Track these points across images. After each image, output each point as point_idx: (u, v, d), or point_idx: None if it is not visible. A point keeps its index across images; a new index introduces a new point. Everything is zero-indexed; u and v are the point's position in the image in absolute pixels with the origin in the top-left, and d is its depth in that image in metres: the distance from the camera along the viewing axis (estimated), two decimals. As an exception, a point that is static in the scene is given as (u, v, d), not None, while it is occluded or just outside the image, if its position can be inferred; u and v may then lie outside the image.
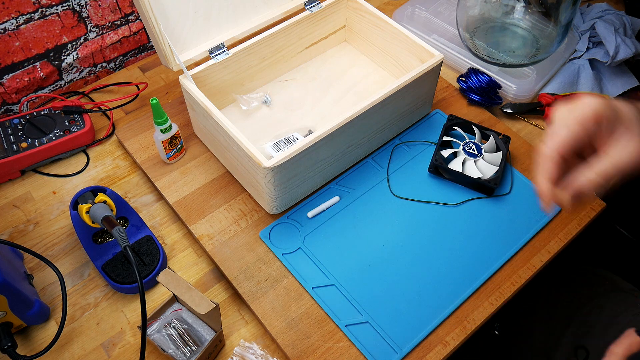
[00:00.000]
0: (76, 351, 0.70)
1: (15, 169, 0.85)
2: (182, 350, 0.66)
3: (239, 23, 0.84)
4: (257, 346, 0.69)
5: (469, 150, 0.82)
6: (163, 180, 0.83)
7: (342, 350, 0.68)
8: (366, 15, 0.92)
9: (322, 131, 0.72)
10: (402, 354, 0.67)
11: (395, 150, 0.87)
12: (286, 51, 0.92)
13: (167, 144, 0.82)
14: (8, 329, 0.66)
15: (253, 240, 0.77)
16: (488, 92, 0.92)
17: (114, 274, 0.73)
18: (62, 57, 0.95)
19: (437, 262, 0.74)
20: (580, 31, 1.01)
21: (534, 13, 0.97)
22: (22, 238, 0.80)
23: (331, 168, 0.81)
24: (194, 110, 0.81)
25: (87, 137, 0.88)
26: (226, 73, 0.85)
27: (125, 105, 0.96)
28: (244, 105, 0.89)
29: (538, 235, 0.78)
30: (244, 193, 0.82)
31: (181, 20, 0.77)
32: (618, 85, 0.96)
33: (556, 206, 0.80)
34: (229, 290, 0.75)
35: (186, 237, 0.80)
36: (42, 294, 0.74)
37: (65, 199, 0.84)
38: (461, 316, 0.70)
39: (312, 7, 0.90)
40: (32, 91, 0.95)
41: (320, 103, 0.91)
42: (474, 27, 0.99)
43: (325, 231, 0.78)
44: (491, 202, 0.81)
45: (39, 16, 0.88)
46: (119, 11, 0.97)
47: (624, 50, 0.94)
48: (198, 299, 0.62)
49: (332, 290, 0.72)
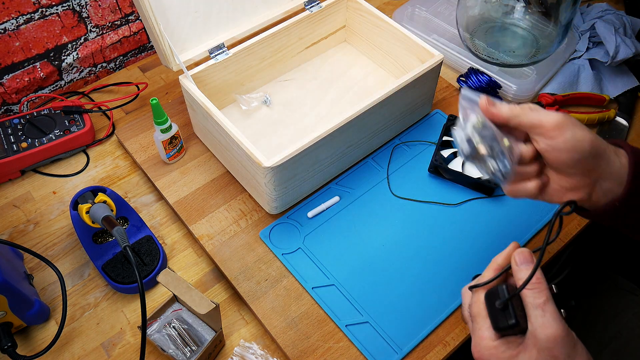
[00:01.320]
0: (76, 351, 0.70)
1: (15, 169, 0.85)
2: (182, 350, 0.66)
3: (239, 23, 0.84)
4: (257, 346, 0.69)
5: (469, 150, 0.82)
6: (163, 180, 0.83)
7: (342, 350, 0.68)
8: (366, 15, 0.92)
9: (322, 131, 0.72)
10: (402, 354, 0.67)
11: (395, 150, 0.87)
12: (286, 51, 0.92)
13: (167, 144, 0.82)
14: (8, 329, 0.66)
15: (253, 240, 0.77)
16: (488, 92, 0.92)
17: (114, 274, 0.73)
18: (62, 57, 0.95)
19: (437, 262, 0.74)
20: (580, 31, 1.01)
21: (534, 13, 0.97)
22: (22, 238, 0.80)
23: (331, 168, 0.81)
24: (194, 110, 0.81)
25: (87, 137, 0.88)
26: (226, 73, 0.85)
27: (125, 105, 0.96)
28: (244, 105, 0.89)
29: (538, 235, 0.78)
30: (244, 193, 0.82)
31: (181, 20, 0.77)
32: (618, 85, 0.96)
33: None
34: (229, 290, 0.75)
35: (186, 237, 0.80)
36: (42, 294, 0.74)
37: (65, 199, 0.84)
38: (461, 316, 0.70)
39: (312, 7, 0.90)
40: (32, 91, 0.95)
41: (320, 103, 0.91)
42: (474, 27, 0.98)
43: (325, 231, 0.78)
44: (491, 202, 0.81)
45: (39, 16, 0.88)
46: (119, 11, 0.97)
47: (624, 50, 0.94)
48: (198, 299, 0.62)
49: (332, 290, 0.72)
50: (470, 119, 0.55)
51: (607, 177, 0.52)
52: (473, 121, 0.54)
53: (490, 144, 0.54)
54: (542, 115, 0.51)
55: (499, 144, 0.53)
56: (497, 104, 0.53)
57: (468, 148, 0.55)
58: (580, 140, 0.50)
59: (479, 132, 0.54)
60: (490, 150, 0.54)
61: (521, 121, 0.52)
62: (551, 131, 0.50)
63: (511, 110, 0.52)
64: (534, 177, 0.54)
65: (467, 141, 0.55)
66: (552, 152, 0.51)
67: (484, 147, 0.54)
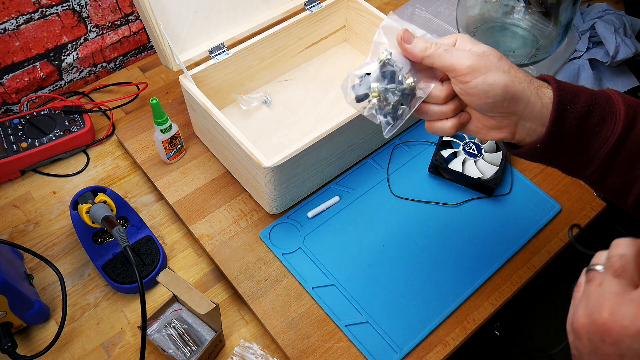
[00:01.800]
0: (76, 351, 0.70)
1: (15, 169, 0.85)
2: (182, 350, 0.66)
3: (239, 23, 0.84)
4: (257, 346, 0.69)
5: (469, 150, 0.82)
6: (163, 180, 0.83)
7: (342, 350, 0.68)
8: (366, 15, 0.92)
9: (322, 131, 0.72)
10: (402, 354, 0.67)
11: (395, 150, 0.87)
12: (286, 51, 0.92)
13: (167, 144, 0.82)
14: (8, 329, 0.66)
15: (253, 240, 0.77)
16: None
17: (114, 274, 0.73)
18: (62, 57, 0.95)
19: (437, 262, 0.74)
20: (580, 31, 1.01)
21: (534, 13, 0.97)
22: (22, 238, 0.79)
23: (331, 168, 0.81)
24: (194, 110, 0.81)
25: (87, 137, 0.88)
26: (226, 73, 0.85)
27: (125, 105, 0.96)
28: (244, 105, 0.89)
29: (538, 235, 0.78)
30: (244, 193, 0.82)
31: (181, 20, 0.77)
32: (618, 85, 0.96)
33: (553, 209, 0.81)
34: (229, 290, 0.75)
35: (186, 237, 0.80)
36: (42, 294, 0.74)
37: (65, 199, 0.84)
38: (461, 316, 0.70)
39: (312, 7, 0.90)
40: (32, 91, 0.95)
41: (320, 103, 0.91)
42: (474, 27, 0.98)
43: (325, 231, 0.78)
44: (491, 202, 0.81)
45: (39, 16, 0.88)
46: (119, 11, 0.97)
47: (624, 50, 0.94)
48: (198, 299, 0.62)
49: (332, 290, 0.72)
50: (379, 55, 0.53)
51: (528, 118, 0.51)
52: (381, 56, 0.53)
53: (387, 85, 0.52)
54: (455, 58, 0.50)
55: (400, 84, 0.52)
56: (414, 40, 0.52)
57: (362, 89, 0.53)
58: (492, 85, 0.49)
59: (380, 70, 0.53)
60: (385, 93, 0.53)
61: (434, 62, 0.51)
62: (463, 76, 0.50)
63: (425, 49, 0.51)
64: (450, 116, 0.54)
65: (362, 78, 0.53)
66: (465, 96, 0.51)
67: (377, 88, 0.53)
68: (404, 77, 0.53)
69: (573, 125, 0.50)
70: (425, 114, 0.54)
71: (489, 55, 0.51)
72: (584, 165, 0.53)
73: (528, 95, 0.51)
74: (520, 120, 0.52)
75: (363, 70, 0.54)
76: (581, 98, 0.51)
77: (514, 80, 0.50)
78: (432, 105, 0.54)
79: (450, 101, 0.53)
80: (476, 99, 0.50)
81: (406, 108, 0.53)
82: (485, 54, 0.50)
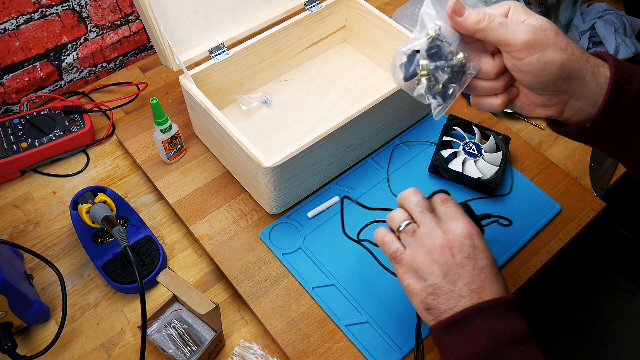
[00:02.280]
0: (76, 351, 0.70)
1: (15, 169, 0.85)
2: (182, 350, 0.66)
3: (239, 23, 0.84)
4: (257, 346, 0.69)
5: (469, 150, 0.82)
6: (163, 180, 0.83)
7: (342, 350, 0.68)
8: (366, 15, 0.92)
9: (322, 131, 0.72)
10: (402, 354, 0.67)
11: (395, 150, 0.87)
12: (286, 51, 0.92)
13: (167, 144, 0.82)
14: (8, 329, 0.66)
15: (253, 240, 0.77)
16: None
17: (114, 274, 0.73)
18: (62, 57, 0.95)
19: (437, 262, 0.74)
20: (580, 31, 1.01)
21: (534, 13, 0.97)
22: (22, 238, 0.80)
23: (331, 168, 0.81)
24: (194, 110, 0.81)
25: (87, 137, 0.88)
26: (226, 73, 0.85)
27: (125, 105, 0.96)
28: (244, 105, 0.89)
29: (538, 235, 0.78)
30: (244, 193, 0.82)
31: (181, 20, 0.77)
32: (618, 85, 0.96)
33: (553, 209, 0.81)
34: (229, 290, 0.75)
35: (186, 237, 0.80)
36: (42, 294, 0.74)
37: (65, 199, 0.84)
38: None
39: (312, 7, 0.90)
40: (32, 91, 0.95)
41: (320, 103, 0.91)
42: (474, 27, 0.98)
43: (325, 231, 0.78)
44: (491, 202, 0.81)
45: (39, 16, 0.88)
46: (119, 11, 0.97)
47: (624, 50, 0.94)
48: (198, 299, 0.62)
49: (332, 290, 0.72)
50: (428, 29, 0.50)
51: (580, 97, 0.49)
52: (430, 31, 0.49)
53: (437, 62, 0.49)
54: (511, 32, 0.46)
55: (449, 60, 0.49)
56: (466, 12, 0.48)
57: (409, 66, 0.50)
58: (548, 63, 0.46)
59: (429, 46, 0.49)
60: (434, 71, 0.49)
61: (487, 36, 0.47)
62: (518, 52, 0.46)
63: (478, 22, 0.47)
64: (500, 92, 0.51)
65: (410, 56, 0.50)
66: (517, 73, 0.48)
67: (427, 66, 0.49)
68: (453, 52, 0.49)
69: (627, 107, 0.48)
70: (473, 89, 0.52)
71: (545, 29, 0.47)
72: (632, 147, 0.51)
73: (584, 75, 0.48)
74: (571, 99, 0.49)
75: (411, 46, 0.51)
76: (638, 78, 0.48)
77: (570, 58, 0.47)
78: (482, 80, 0.51)
79: (500, 76, 0.50)
80: (529, 76, 0.47)
81: (456, 86, 0.50)
82: (542, 28, 0.47)
